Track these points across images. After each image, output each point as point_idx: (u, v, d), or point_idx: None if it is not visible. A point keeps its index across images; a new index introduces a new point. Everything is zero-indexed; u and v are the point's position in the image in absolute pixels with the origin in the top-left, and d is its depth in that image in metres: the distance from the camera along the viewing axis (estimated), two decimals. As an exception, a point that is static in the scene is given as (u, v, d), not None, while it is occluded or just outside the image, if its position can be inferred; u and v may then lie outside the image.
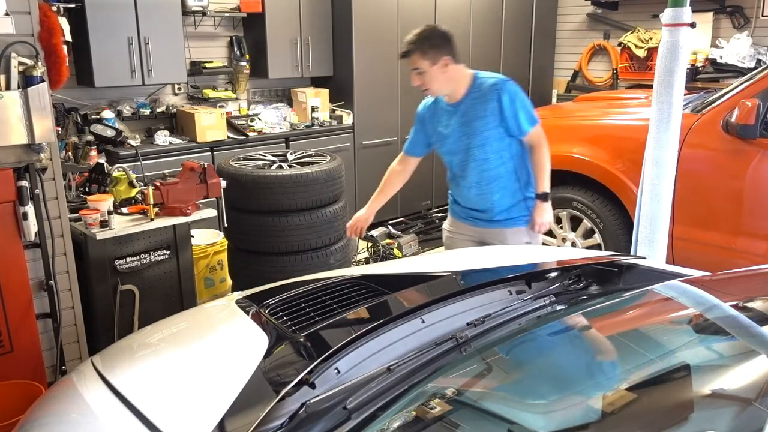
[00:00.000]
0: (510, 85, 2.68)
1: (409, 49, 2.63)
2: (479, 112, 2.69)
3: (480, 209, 2.85)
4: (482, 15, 6.18)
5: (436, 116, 2.83)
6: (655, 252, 3.02)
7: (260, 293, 2.19)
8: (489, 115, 2.67)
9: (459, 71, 2.70)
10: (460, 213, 2.95)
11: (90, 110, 4.53)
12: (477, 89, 2.70)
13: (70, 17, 4.04)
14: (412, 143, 2.97)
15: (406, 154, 2.99)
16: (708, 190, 3.51)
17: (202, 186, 3.15)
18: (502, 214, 2.82)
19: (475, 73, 2.75)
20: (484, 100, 2.67)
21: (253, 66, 5.18)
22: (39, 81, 2.50)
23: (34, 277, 2.74)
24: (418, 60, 2.62)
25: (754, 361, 1.52)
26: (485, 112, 2.67)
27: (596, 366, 1.67)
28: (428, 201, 6.00)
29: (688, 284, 2.03)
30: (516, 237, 2.83)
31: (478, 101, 2.69)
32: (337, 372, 1.56)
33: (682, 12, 2.78)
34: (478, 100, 2.69)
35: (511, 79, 2.72)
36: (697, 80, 5.72)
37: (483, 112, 2.68)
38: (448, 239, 3.08)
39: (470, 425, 1.38)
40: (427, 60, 2.62)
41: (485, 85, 2.69)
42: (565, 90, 6.98)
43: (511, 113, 2.65)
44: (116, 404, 1.57)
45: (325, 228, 3.66)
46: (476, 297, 1.95)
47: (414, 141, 2.96)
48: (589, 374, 1.62)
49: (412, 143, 2.96)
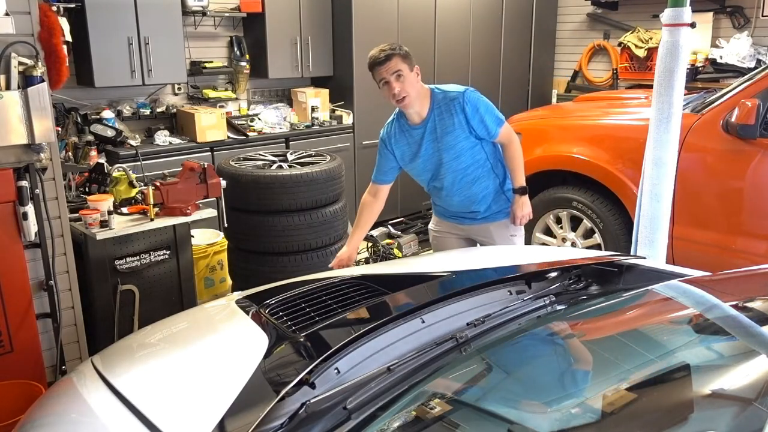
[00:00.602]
0: (469, 94, 2.66)
1: (389, 54, 2.57)
2: (447, 127, 2.68)
3: (464, 212, 2.90)
4: (482, 15, 6.18)
5: (402, 138, 2.78)
6: (655, 252, 3.02)
7: (260, 293, 2.19)
8: (457, 128, 2.67)
9: (423, 85, 2.70)
10: (445, 213, 3.00)
11: (90, 110, 4.53)
12: (438, 105, 2.68)
13: (70, 17, 4.04)
14: (380, 172, 2.86)
15: (376, 183, 2.88)
16: (708, 190, 3.51)
17: (202, 186, 3.15)
18: (485, 212, 2.88)
19: (431, 88, 2.73)
20: (449, 115, 2.66)
21: (253, 66, 5.18)
22: (39, 81, 2.50)
23: (34, 277, 2.74)
24: (399, 62, 2.58)
25: (754, 361, 1.52)
26: (453, 126, 2.67)
27: (596, 366, 1.67)
28: (428, 201, 5.98)
29: (688, 284, 2.03)
30: (500, 230, 2.90)
31: (443, 117, 2.68)
32: (337, 372, 1.56)
33: (682, 12, 2.78)
34: (442, 116, 2.68)
35: (469, 89, 2.70)
36: (697, 80, 5.72)
37: (451, 127, 2.67)
38: (435, 239, 3.12)
39: (470, 425, 1.38)
40: (407, 64, 2.60)
41: (446, 100, 2.68)
42: (565, 90, 6.98)
43: (477, 121, 2.66)
44: (116, 404, 1.57)
45: (325, 228, 3.66)
46: (476, 297, 1.95)
47: (382, 169, 2.86)
48: (589, 374, 1.62)
49: (381, 172, 2.86)
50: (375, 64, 2.60)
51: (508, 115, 5.06)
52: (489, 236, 2.92)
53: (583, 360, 1.74)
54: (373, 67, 2.62)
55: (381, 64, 2.59)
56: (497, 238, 2.91)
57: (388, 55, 2.57)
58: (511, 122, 4.59)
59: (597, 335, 1.93)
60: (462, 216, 2.92)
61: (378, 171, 2.88)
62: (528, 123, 4.48)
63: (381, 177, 2.87)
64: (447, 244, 3.05)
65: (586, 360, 1.74)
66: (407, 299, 2.00)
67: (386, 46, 2.60)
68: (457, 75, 5.98)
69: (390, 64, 2.57)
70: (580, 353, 1.79)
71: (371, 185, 2.90)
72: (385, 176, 2.87)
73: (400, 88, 2.60)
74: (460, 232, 2.99)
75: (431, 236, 3.15)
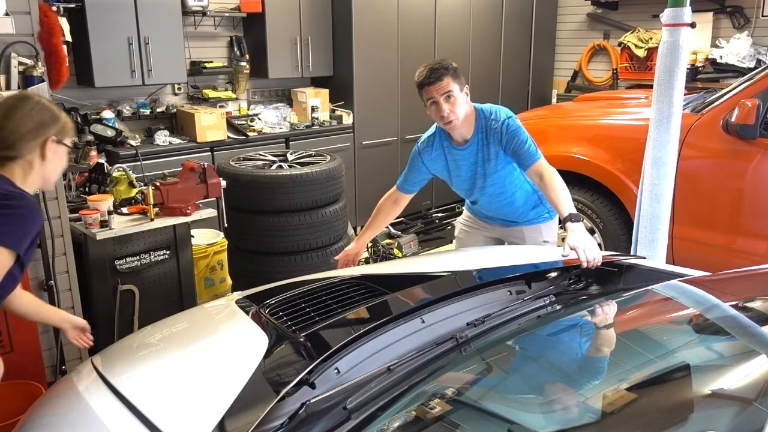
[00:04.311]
0: (509, 125, 2.52)
1: (440, 73, 2.41)
2: (486, 156, 2.58)
3: (500, 218, 2.84)
4: (482, 15, 6.18)
5: (440, 157, 2.68)
6: (655, 252, 3.02)
7: (260, 293, 2.19)
8: (495, 157, 2.58)
9: (471, 107, 2.56)
10: (478, 214, 2.92)
11: (90, 110, 4.53)
12: (483, 129, 2.56)
13: (70, 17, 4.04)
14: (407, 181, 2.76)
15: (401, 191, 2.78)
16: (708, 190, 3.51)
17: (202, 186, 3.15)
18: (521, 219, 2.80)
19: (476, 109, 2.59)
20: (488, 144, 2.56)
21: (253, 66, 5.18)
22: (39, 81, 2.51)
23: (34, 277, 2.74)
24: (451, 82, 2.42)
25: (754, 361, 1.53)
26: (491, 156, 2.57)
27: (596, 366, 1.67)
28: (428, 201, 5.99)
29: (688, 284, 2.03)
30: (532, 233, 2.82)
31: (487, 142, 2.57)
32: (337, 372, 1.56)
33: (682, 12, 2.78)
34: (483, 143, 2.57)
35: (510, 116, 2.56)
36: (697, 80, 5.72)
37: (489, 156, 2.58)
38: (463, 233, 3.01)
39: (470, 425, 1.38)
40: (458, 83, 2.44)
41: (488, 128, 2.55)
42: (565, 90, 6.98)
43: (513, 152, 2.53)
44: (116, 404, 1.57)
45: (325, 228, 3.66)
46: (476, 297, 1.95)
47: (410, 179, 2.76)
48: (589, 374, 1.63)
49: (408, 182, 2.76)
50: (425, 84, 2.44)
51: (508, 115, 5.09)
52: (521, 238, 2.82)
53: (582, 360, 1.74)
54: (422, 87, 2.46)
55: (431, 84, 2.43)
56: (528, 241, 2.82)
57: (440, 75, 2.41)
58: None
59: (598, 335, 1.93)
60: (497, 219, 2.85)
61: (405, 180, 2.76)
62: (528, 123, 4.41)
63: (407, 186, 2.77)
64: (474, 241, 2.96)
65: (586, 360, 1.74)
66: (407, 299, 2.00)
67: (437, 64, 2.44)
68: (457, 75, 5.98)
69: (441, 84, 2.42)
70: (579, 353, 1.79)
71: (394, 190, 2.80)
72: (412, 186, 2.77)
73: (450, 110, 2.44)
74: (491, 231, 2.90)
75: (458, 229, 3.05)
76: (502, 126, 2.52)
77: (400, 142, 5.76)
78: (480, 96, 6.38)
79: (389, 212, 2.81)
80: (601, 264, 2.17)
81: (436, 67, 2.43)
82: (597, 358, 1.72)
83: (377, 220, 2.82)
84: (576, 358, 1.75)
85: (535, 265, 2.33)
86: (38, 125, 1.81)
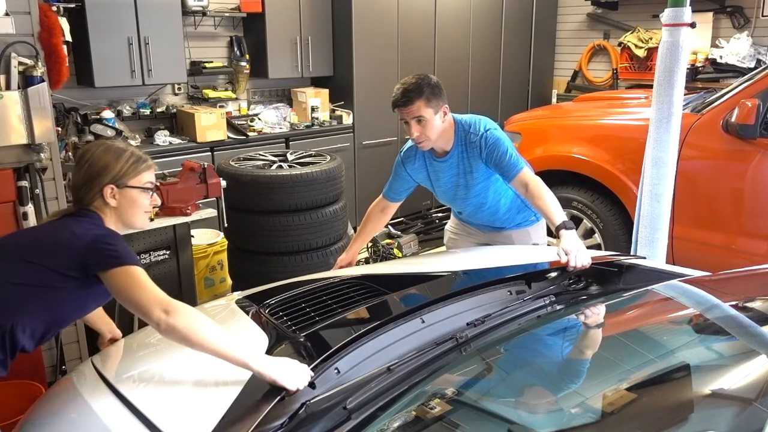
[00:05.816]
0: (488, 138, 2.49)
1: (410, 96, 2.38)
2: (467, 167, 2.57)
3: (486, 225, 2.83)
4: (482, 15, 6.18)
5: (422, 167, 2.68)
6: (655, 252, 3.02)
7: (260, 293, 2.19)
8: (476, 169, 2.57)
9: (450, 120, 2.54)
10: (465, 220, 2.92)
11: (90, 110, 4.53)
12: (461, 142, 2.54)
13: (70, 17, 4.04)
14: (392, 190, 2.76)
15: (387, 199, 2.78)
16: (708, 190, 3.51)
17: (202, 186, 3.15)
18: (509, 224, 2.80)
19: (456, 121, 2.56)
20: (469, 156, 2.55)
21: (253, 66, 5.18)
22: (39, 81, 2.50)
23: (34, 277, 2.73)
24: (421, 107, 2.39)
25: (754, 361, 1.53)
26: (472, 167, 2.57)
27: (596, 366, 1.67)
28: (428, 201, 5.99)
29: (688, 284, 2.03)
30: (522, 237, 2.82)
31: (463, 157, 2.56)
32: (337, 372, 1.56)
33: (682, 12, 2.78)
34: (463, 155, 2.56)
35: (489, 128, 2.52)
36: (697, 80, 5.72)
37: (470, 168, 2.57)
38: (451, 240, 3.03)
39: (470, 425, 1.38)
40: (431, 108, 2.41)
41: (468, 141, 2.54)
42: (565, 90, 6.98)
43: (494, 165, 2.51)
44: (116, 404, 1.57)
45: (325, 228, 3.66)
46: (476, 297, 1.95)
47: (395, 188, 2.75)
48: (589, 374, 1.63)
49: (393, 190, 2.76)
50: (397, 104, 2.44)
51: (508, 115, 5.09)
52: (510, 243, 2.82)
53: (582, 360, 1.74)
54: (395, 107, 2.46)
55: (402, 107, 2.43)
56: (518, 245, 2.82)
57: (409, 98, 2.39)
58: (511, 122, 4.61)
59: (597, 335, 1.93)
60: (484, 225, 2.84)
61: (390, 188, 2.77)
62: (528, 123, 4.48)
63: (393, 195, 2.77)
64: (463, 247, 2.97)
65: (586, 360, 1.74)
66: (407, 299, 2.00)
67: (411, 85, 2.40)
68: (457, 75, 5.99)
69: (412, 109, 2.40)
70: (579, 353, 1.79)
71: (381, 199, 2.80)
72: (398, 195, 2.77)
73: (420, 132, 2.44)
74: (479, 237, 2.89)
75: (447, 237, 3.06)
76: (481, 139, 2.50)
77: (400, 142, 5.76)
78: (480, 96, 6.40)
79: (377, 221, 2.82)
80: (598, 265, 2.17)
81: (410, 89, 2.40)
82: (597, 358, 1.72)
83: (366, 229, 2.82)
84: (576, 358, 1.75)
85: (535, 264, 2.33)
86: (90, 178, 1.83)
